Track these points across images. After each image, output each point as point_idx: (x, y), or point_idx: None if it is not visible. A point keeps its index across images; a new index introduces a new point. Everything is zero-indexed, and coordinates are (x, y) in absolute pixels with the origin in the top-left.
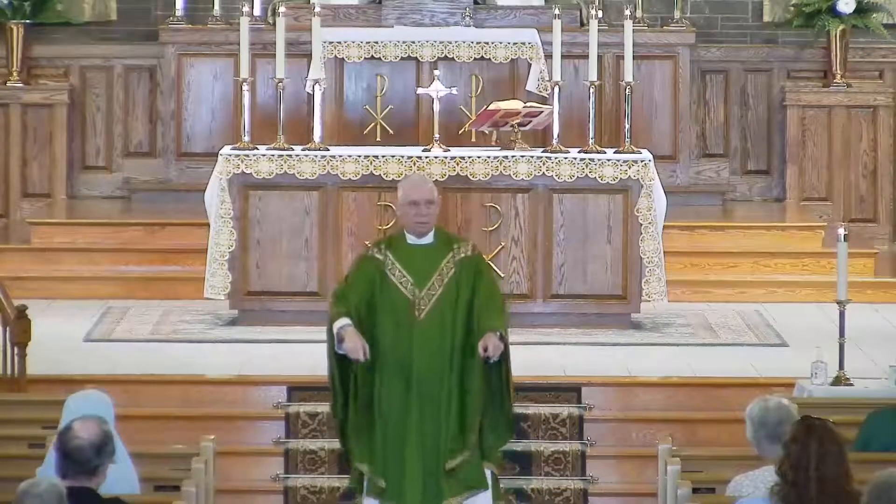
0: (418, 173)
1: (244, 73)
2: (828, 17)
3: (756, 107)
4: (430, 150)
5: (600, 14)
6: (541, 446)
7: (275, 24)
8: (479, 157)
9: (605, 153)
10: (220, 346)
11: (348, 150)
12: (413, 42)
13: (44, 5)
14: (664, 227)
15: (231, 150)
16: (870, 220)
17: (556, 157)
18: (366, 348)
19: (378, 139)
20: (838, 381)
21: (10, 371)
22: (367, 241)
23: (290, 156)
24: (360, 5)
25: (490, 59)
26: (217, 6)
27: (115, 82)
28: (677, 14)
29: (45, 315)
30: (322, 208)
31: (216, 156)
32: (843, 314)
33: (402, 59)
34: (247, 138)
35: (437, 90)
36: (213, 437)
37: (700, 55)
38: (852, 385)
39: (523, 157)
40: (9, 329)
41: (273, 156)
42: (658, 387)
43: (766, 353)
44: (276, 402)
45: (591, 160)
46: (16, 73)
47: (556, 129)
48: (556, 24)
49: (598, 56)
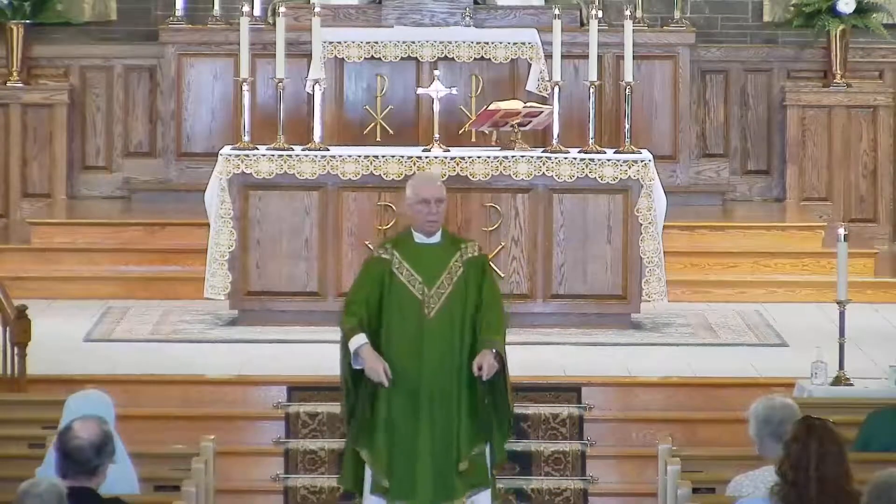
0: (426, 171)
1: (244, 73)
2: (828, 17)
3: (756, 107)
4: (430, 150)
5: (600, 14)
6: (541, 446)
7: (275, 24)
8: (479, 157)
9: (605, 153)
10: (220, 346)
11: (348, 150)
12: (413, 42)
13: (44, 5)
14: (664, 227)
15: (231, 150)
16: (870, 220)
17: (556, 157)
18: (387, 369)
19: (378, 139)
20: (838, 381)
21: (10, 371)
22: (367, 241)
23: (290, 156)
24: (360, 5)
25: (490, 59)
26: (217, 6)
27: (115, 82)
28: (677, 14)
29: (45, 315)
30: (322, 208)
31: (216, 156)
32: (843, 314)
33: (402, 59)
34: (247, 138)
35: (437, 90)
36: (213, 437)
37: (700, 55)
38: (852, 385)
39: (523, 157)
40: (9, 329)
41: (273, 156)
42: (658, 387)
43: (766, 353)
44: (276, 402)
45: (591, 160)
46: (16, 73)
47: (556, 129)
48: (556, 24)
49: (598, 56)
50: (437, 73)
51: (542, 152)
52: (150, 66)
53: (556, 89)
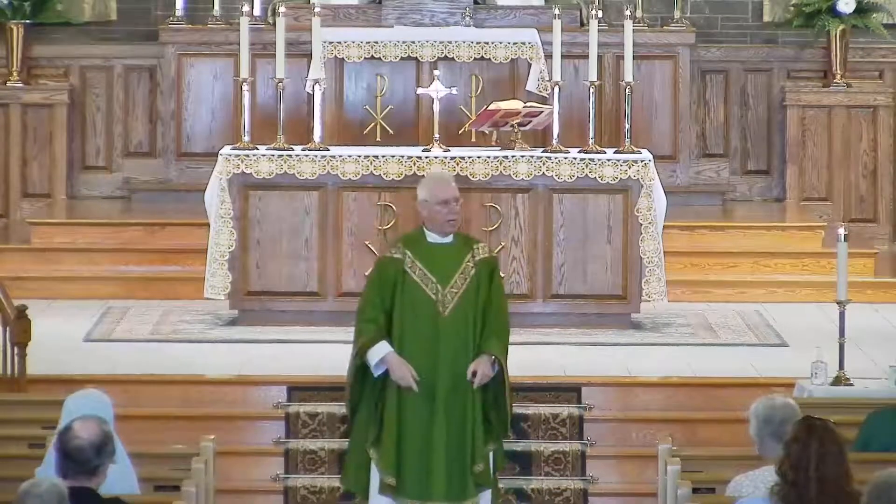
0: (438, 172)
1: (244, 73)
2: (828, 17)
3: (756, 107)
4: (430, 150)
5: (600, 14)
6: (541, 446)
7: (275, 24)
8: (479, 157)
9: (605, 153)
10: (220, 346)
11: (348, 150)
12: (413, 42)
13: (44, 5)
14: (664, 227)
15: (231, 150)
16: (870, 220)
17: (556, 157)
18: (415, 375)
19: (378, 139)
20: (838, 381)
21: (10, 371)
22: (367, 241)
23: (290, 156)
24: (360, 5)
25: (490, 59)
26: (217, 6)
27: (115, 82)
28: (677, 14)
29: (45, 315)
30: (322, 208)
31: (216, 156)
32: (843, 314)
33: (402, 59)
34: (247, 138)
35: (437, 90)
36: (213, 437)
37: (700, 55)
38: (852, 385)
39: (523, 157)
40: (9, 329)
41: (273, 156)
42: (658, 387)
43: (766, 353)
44: (276, 402)
45: (591, 160)
46: (16, 73)
47: (556, 129)
48: (556, 24)
49: (598, 56)
50: (437, 73)
51: (542, 152)
52: (150, 66)
53: (556, 89)
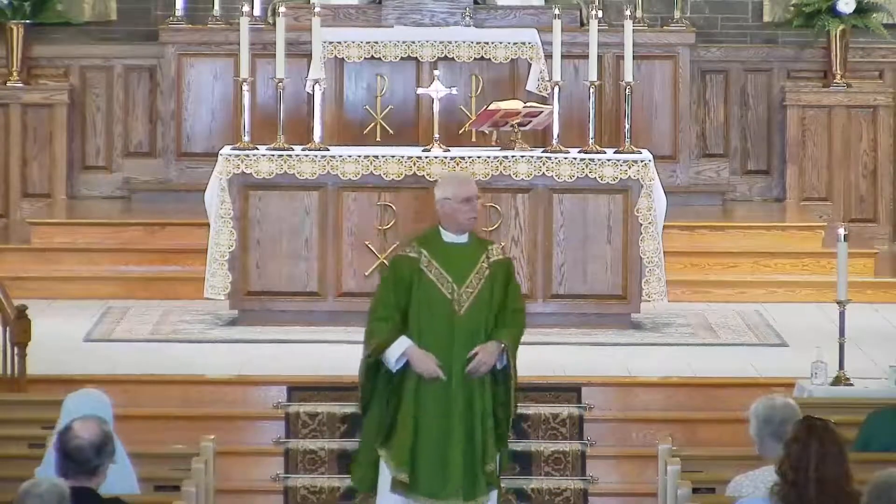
0: (455, 172)
1: (244, 73)
2: (828, 17)
3: (756, 107)
4: (430, 150)
5: (600, 14)
6: (541, 446)
7: (275, 24)
8: (479, 157)
9: (605, 153)
10: (220, 346)
11: (348, 150)
12: (413, 42)
13: (44, 5)
14: (664, 227)
15: (231, 150)
16: (870, 220)
17: (556, 157)
18: (439, 364)
19: (378, 139)
20: (838, 381)
21: (10, 371)
22: (367, 242)
23: (290, 156)
24: (360, 5)
25: (490, 59)
26: (217, 6)
27: (115, 82)
28: (677, 14)
29: (45, 315)
30: (322, 208)
31: (216, 156)
32: (843, 314)
33: (402, 59)
34: (247, 138)
35: (437, 90)
36: (213, 437)
37: (700, 55)
38: (852, 385)
39: (523, 157)
40: (9, 329)
41: (273, 156)
42: (658, 387)
43: (766, 353)
44: (276, 402)
45: (591, 160)
46: (16, 73)
47: (556, 129)
48: (556, 24)
49: (598, 56)
50: (437, 73)
51: (542, 152)
52: (150, 66)
53: (556, 89)
